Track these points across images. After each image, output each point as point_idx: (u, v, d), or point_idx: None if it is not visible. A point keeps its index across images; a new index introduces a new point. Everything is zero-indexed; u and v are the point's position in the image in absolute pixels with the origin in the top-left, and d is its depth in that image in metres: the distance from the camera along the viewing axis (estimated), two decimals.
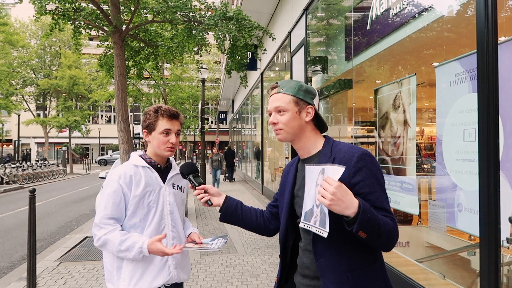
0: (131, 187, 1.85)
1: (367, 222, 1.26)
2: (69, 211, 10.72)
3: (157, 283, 1.86)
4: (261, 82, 13.12)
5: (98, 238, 1.80)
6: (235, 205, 1.76)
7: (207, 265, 5.13)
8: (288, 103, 1.51)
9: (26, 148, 41.63)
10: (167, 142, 1.90)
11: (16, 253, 6.41)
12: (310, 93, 1.54)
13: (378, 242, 1.34)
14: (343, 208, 1.25)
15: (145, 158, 1.96)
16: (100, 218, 1.82)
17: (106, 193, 1.84)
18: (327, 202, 1.24)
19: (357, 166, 1.40)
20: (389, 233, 1.34)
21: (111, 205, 1.82)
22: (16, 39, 24.08)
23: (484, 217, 2.56)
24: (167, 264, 1.90)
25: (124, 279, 1.84)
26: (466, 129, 2.88)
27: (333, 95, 6.66)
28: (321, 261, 1.43)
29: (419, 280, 3.48)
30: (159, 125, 1.89)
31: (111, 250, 1.81)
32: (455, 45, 3.71)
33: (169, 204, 1.95)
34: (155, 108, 1.92)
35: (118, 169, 1.90)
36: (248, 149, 18.89)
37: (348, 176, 1.38)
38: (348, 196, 1.26)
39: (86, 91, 27.45)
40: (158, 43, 8.43)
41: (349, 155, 1.43)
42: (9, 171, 18.19)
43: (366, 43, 4.74)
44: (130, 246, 1.77)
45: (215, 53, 33.55)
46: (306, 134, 1.54)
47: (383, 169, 4.35)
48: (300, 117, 1.52)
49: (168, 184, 1.97)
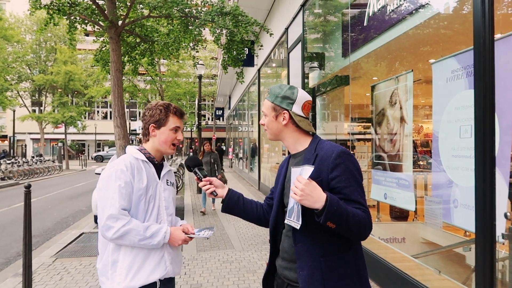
0: (136, 179, 1.85)
1: (333, 213, 1.41)
2: (65, 207, 10.69)
3: (154, 277, 1.87)
4: (258, 78, 13.10)
5: (117, 229, 1.75)
6: (237, 197, 1.89)
7: (204, 260, 5.14)
8: (267, 109, 1.73)
9: (22, 144, 41.41)
10: (175, 139, 1.96)
11: (11, 249, 6.39)
12: (287, 99, 1.68)
13: (348, 231, 1.48)
14: (312, 202, 1.42)
15: (144, 152, 1.96)
16: (117, 208, 1.77)
17: (117, 184, 1.79)
18: (298, 197, 1.42)
19: (335, 162, 1.55)
20: (359, 223, 1.47)
21: (125, 196, 1.80)
22: (11, 34, 23.86)
23: (480, 213, 2.58)
24: (164, 259, 1.91)
25: (121, 272, 1.83)
26: (462, 126, 2.89)
27: (330, 92, 6.66)
28: (298, 246, 1.59)
29: (414, 276, 3.50)
30: (170, 122, 1.94)
31: (131, 240, 1.78)
32: (452, 42, 3.72)
33: (164, 199, 1.97)
34: (165, 104, 1.96)
35: (121, 161, 1.87)
36: (245, 146, 18.90)
37: (326, 171, 1.55)
38: (316, 191, 1.42)
39: (82, 87, 27.25)
40: (154, 38, 8.40)
41: (329, 152, 1.58)
42: (4, 167, 18.07)
43: (363, 39, 4.74)
44: (156, 232, 1.82)
45: (211, 49, 33.47)
46: (288, 135, 1.72)
47: (380, 166, 4.36)
48: (278, 121, 1.70)
49: (162, 180, 1.99)
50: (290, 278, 1.65)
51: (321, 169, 1.55)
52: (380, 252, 4.23)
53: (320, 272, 1.54)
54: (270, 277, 1.84)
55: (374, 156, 4.54)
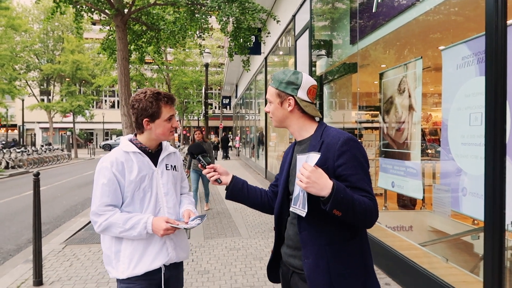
0: (124, 173, 1.86)
1: (340, 201, 1.39)
2: (74, 195, 10.82)
3: (156, 264, 1.90)
4: (265, 66, 13.01)
5: (100, 224, 1.82)
6: (242, 184, 1.86)
7: (211, 248, 5.18)
8: (272, 95, 1.69)
9: (31, 133, 41.83)
10: (171, 127, 1.94)
11: (22, 236, 6.50)
12: (292, 84, 1.64)
13: (355, 219, 1.46)
14: (318, 190, 1.40)
15: (136, 143, 1.96)
16: (98, 206, 1.83)
17: (100, 182, 1.84)
18: (304, 185, 1.40)
19: (341, 149, 1.52)
20: (365, 211, 1.46)
21: (108, 193, 1.84)
22: (18, 24, 23.89)
23: (489, 202, 2.55)
24: (165, 245, 1.93)
25: (124, 261, 1.87)
26: (473, 113, 2.84)
27: (337, 80, 6.60)
28: (303, 234, 1.58)
29: (422, 264, 3.49)
30: (164, 113, 1.89)
31: (114, 233, 1.83)
32: (462, 29, 3.64)
33: (163, 185, 1.97)
34: (154, 95, 1.87)
35: (109, 156, 1.89)
36: (252, 134, 18.89)
37: (333, 159, 1.53)
38: (322, 179, 1.40)
39: (90, 76, 27.37)
40: (160, 26, 8.35)
41: (335, 139, 1.55)
42: (14, 156, 18.32)
43: (371, 26, 4.66)
44: (135, 223, 1.81)
45: (218, 37, 33.27)
46: (294, 121, 1.69)
47: (388, 154, 4.33)
48: (283, 108, 1.67)
49: (160, 167, 1.98)
50: (295, 265, 1.65)
51: (327, 156, 1.53)
52: (387, 240, 4.22)
53: (325, 260, 1.53)
54: (275, 265, 1.84)
55: (382, 145, 4.50)
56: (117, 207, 1.87)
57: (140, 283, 1.88)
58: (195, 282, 4.02)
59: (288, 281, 1.73)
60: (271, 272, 1.86)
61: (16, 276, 4.29)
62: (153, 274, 1.91)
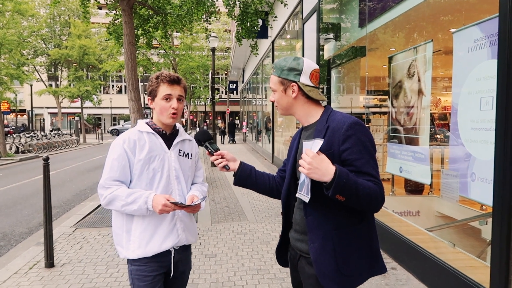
0: (135, 151, 1.88)
1: (342, 186, 1.39)
2: (83, 179, 10.95)
3: (167, 245, 1.92)
4: (272, 50, 12.89)
5: (105, 196, 1.85)
6: (249, 170, 1.87)
7: (218, 232, 5.23)
8: (275, 84, 1.69)
9: (40, 118, 42.19)
10: (169, 108, 1.90)
11: (33, 219, 6.61)
12: (294, 70, 1.63)
13: (359, 204, 1.46)
14: (320, 175, 1.40)
15: (151, 124, 1.99)
16: (105, 180, 1.87)
17: (111, 157, 1.88)
18: (305, 171, 1.42)
19: (346, 134, 1.51)
20: (370, 196, 1.45)
21: (116, 168, 1.86)
22: (25, 8, 23.76)
23: (499, 187, 2.53)
24: (176, 227, 1.96)
25: (134, 241, 1.89)
26: (483, 97, 2.79)
27: (345, 64, 6.51)
28: (309, 219, 1.59)
29: (429, 249, 3.50)
30: (161, 91, 1.90)
31: (117, 206, 1.85)
32: (475, 11, 3.55)
33: (175, 169, 1.98)
34: (156, 74, 1.93)
35: (123, 134, 1.94)
36: (259, 119, 18.85)
37: (338, 143, 1.51)
38: (323, 164, 1.41)
39: (97, 61, 27.36)
40: (167, 10, 8.27)
41: (340, 123, 1.54)
42: (24, 141, 18.56)
43: (380, 8, 4.57)
44: (137, 197, 1.82)
45: (225, 21, 32.92)
46: (299, 108, 1.68)
47: (396, 139, 4.30)
48: (287, 95, 1.67)
49: (173, 150, 1.99)
50: (302, 249, 1.67)
51: (332, 141, 1.52)
52: (394, 225, 4.23)
53: (331, 245, 1.54)
54: (283, 249, 1.85)
55: (390, 129, 4.46)
56: (124, 184, 1.89)
57: (150, 265, 1.91)
58: (203, 265, 4.08)
59: (296, 265, 1.74)
60: (280, 257, 1.88)
61: (28, 258, 4.38)
62: (163, 256, 1.93)
